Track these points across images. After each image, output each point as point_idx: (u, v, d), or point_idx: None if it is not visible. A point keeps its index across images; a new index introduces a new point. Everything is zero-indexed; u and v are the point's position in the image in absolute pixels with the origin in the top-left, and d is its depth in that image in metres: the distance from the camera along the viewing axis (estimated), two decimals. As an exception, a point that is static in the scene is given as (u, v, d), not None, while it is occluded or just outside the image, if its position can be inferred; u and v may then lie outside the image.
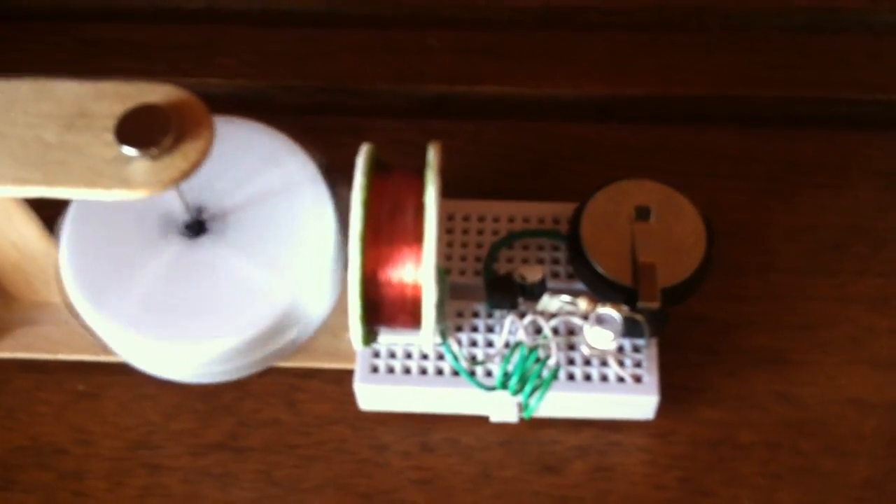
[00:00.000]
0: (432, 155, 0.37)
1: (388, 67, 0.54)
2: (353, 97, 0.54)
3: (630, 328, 0.39)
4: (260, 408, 0.43)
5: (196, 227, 0.39)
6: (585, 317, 0.39)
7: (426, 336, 0.37)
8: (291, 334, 0.39)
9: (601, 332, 0.38)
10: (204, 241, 0.39)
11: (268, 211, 0.40)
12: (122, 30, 0.56)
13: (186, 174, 0.33)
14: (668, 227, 0.41)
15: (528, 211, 0.45)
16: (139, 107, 0.34)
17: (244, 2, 0.57)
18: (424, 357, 0.41)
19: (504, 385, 0.38)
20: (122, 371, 0.40)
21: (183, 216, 0.39)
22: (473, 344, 0.42)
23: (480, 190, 0.47)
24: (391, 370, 0.41)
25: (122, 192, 0.33)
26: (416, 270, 0.36)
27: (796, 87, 0.52)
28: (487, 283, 0.41)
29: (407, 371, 0.41)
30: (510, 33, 0.55)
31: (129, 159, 0.33)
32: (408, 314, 0.37)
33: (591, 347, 0.38)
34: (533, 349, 0.38)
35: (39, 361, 0.44)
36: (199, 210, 0.39)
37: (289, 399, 0.43)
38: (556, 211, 0.45)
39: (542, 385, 0.38)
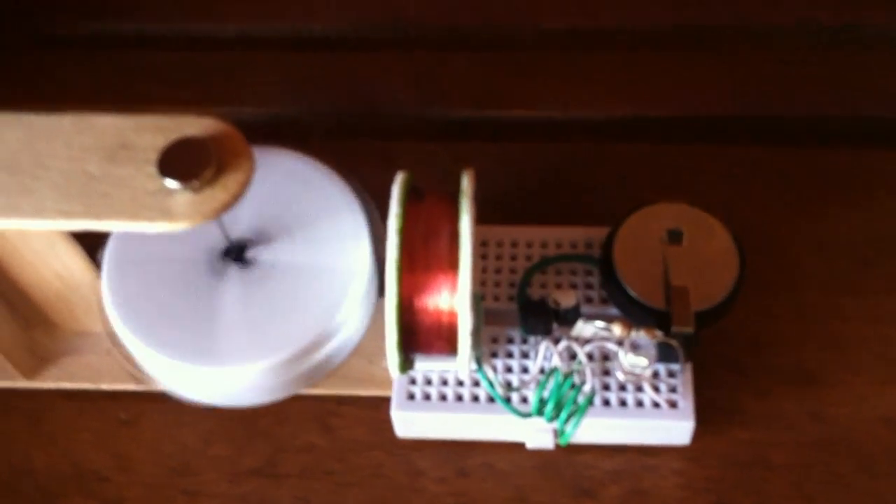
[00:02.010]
0: (466, 182, 0.37)
1: (415, 90, 0.54)
2: (381, 120, 0.54)
3: (664, 353, 0.39)
4: (296, 433, 0.43)
5: (235, 254, 0.40)
6: (620, 342, 0.39)
7: (462, 363, 0.37)
8: (326, 356, 0.39)
9: (636, 358, 0.38)
10: (242, 268, 0.40)
11: (305, 237, 0.40)
12: (154, 56, 0.56)
13: (227, 206, 0.34)
14: (700, 249, 0.41)
15: (560, 235, 0.45)
16: (180, 140, 0.34)
17: (273, 27, 0.57)
18: (460, 384, 0.41)
19: (540, 412, 0.39)
20: (162, 399, 0.40)
21: (222, 244, 0.40)
22: (508, 370, 0.42)
23: (510, 213, 0.47)
24: (427, 397, 0.41)
25: (164, 225, 0.33)
26: (452, 297, 0.36)
27: (822, 104, 0.52)
28: (521, 309, 0.41)
29: (443, 398, 0.41)
30: (536, 55, 0.55)
31: (171, 191, 0.34)
32: (444, 341, 0.37)
33: (626, 373, 0.38)
34: (568, 375, 0.38)
35: (82, 391, 0.44)
36: (238, 237, 0.40)
37: (325, 424, 0.43)
38: (588, 235, 0.45)
39: (578, 411, 0.38)
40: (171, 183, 0.33)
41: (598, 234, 0.44)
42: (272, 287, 0.39)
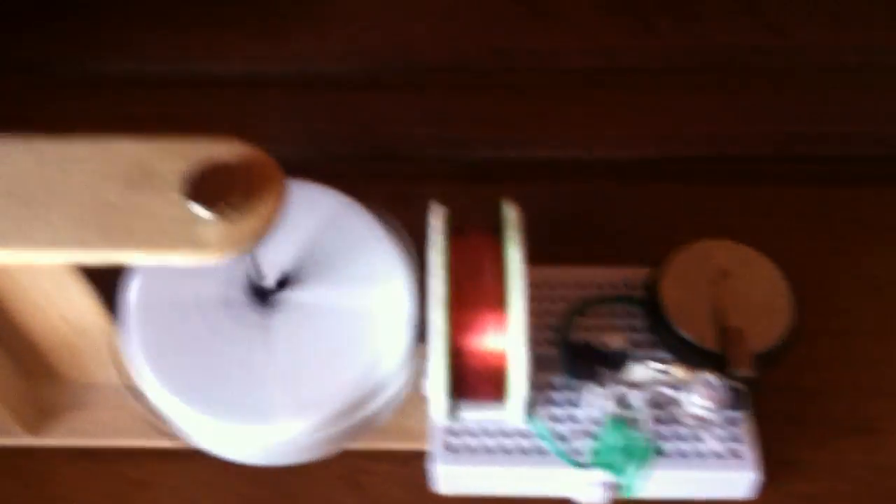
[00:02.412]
0: (511, 212, 0.34)
1: (434, 132, 0.52)
2: (397, 162, 0.51)
3: (728, 398, 0.36)
4: (326, 493, 0.39)
5: (265, 295, 0.36)
6: (676, 386, 0.36)
7: (515, 409, 0.34)
8: (373, 412, 0.36)
9: (704, 401, 0.35)
10: (273, 312, 0.36)
11: (342, 279, 0.37)
12: (156, 96, 0.53)
13: (261, 235, 0.31)
14: (752, 289, 0.39)
15: (596, 276, 0.42)
16: (208, 164, 0.31)
17: (281, 66, 0.55)
18: (503, 434, 0.38)
19: (598, 463, 0.35)
20: (178, 456, 0.37)
21: (251, 284, 0.36)
22: (553, 419, 0.39)
23: (537, 254, 0.44)
24: (470, 449, 0.38)
25: (192, 256, 0.30)
26: (503, 336, 0.33)
27: (853, 145, 0.50)
28: (566, 353, 0.38)
29: (487, 450, 0.38)
30: (555, 95, 0.53)
31: (198, 220, 0.30)
32: (493, 385, 0.34)
33: (693, 417, 0.35)
34: (626, 422, 0.35)
35: (91, 448, 0.40)
36: (271, 278, 0.37)
37: (355, 483, 0.40)
38: (626, 276, 0.42)
39: (642, 461, 0.35)
40: (198, 210, 0.30)
41: (635, 274, 0.42)
42: (311, 334, 0.36)
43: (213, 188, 0.31)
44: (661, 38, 0.54)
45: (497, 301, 0.33)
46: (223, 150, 0.32)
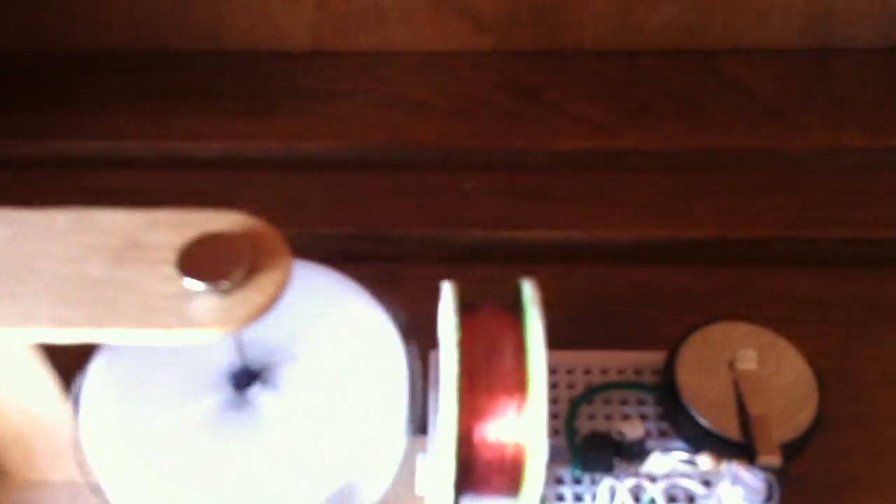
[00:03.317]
0: (529, 289, 0.32)
1: (425, 212, 0.50)
2: (387, 244, 0.49)
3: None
4: None
5: (245, 380, 0.33)
6: (698, 478, 0.34)
7: (530, 502, 0.31)
8: (367, 496, 0.33)
9: (734, 494, 0.32)
10: (255, 399, 0.33)
11: (329, 364, 0.34)
12: (132, 177, 0.51)
13: (263, 311, 0.28)
14: (773, 374, 0.37)
15: (604, 361, 0.40)
16: (205, 236, 0.29)
17: (262, 148, 0.53)
18: (507, 532, 0.35)
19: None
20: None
21: (231, 367, 0.33)
22: (561, 514, 0.36)
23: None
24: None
25: (185, 333, 0.27)
26: (519, 423, 0.31)
27: (864, 226, 0.49)
28: (581, 443, 0.36)
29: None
30: (551, 176, 0.52)
31: (192, 295, 0.28)
32: (505, 477, 0.32)
33: (728, 511, 0.33)
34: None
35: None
36: (253, 360, 0.34)
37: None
38: (635, 360, 0.40)
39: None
40: (193, 284, 0.28)
41: (646, 359, 0.40)
42: (296, 422, 0.33)
43: (211, 261, 0.28)
44: (661, 120, 0.53)
45: (516, 384, 0.31)
46: (221, 222, 0.29)
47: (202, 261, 0.28)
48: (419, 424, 0.36)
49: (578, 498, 0.36)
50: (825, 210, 0.50)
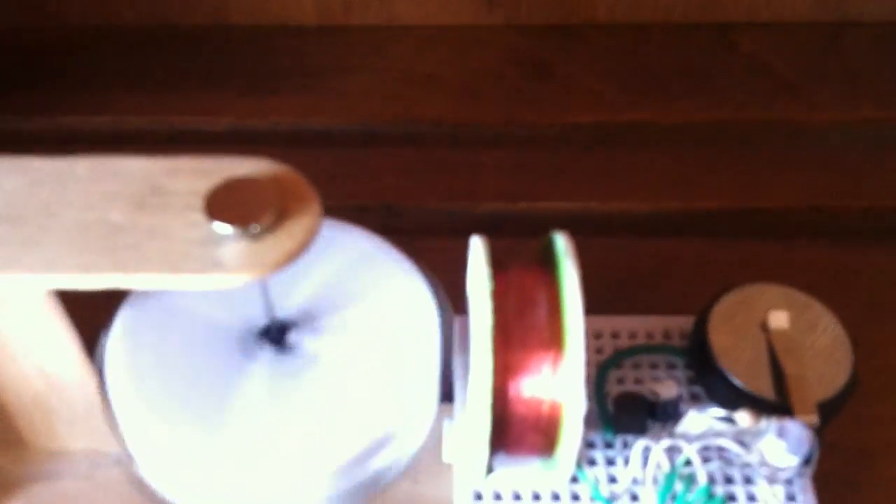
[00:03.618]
0: (562, 241, 0.31)
1: (437, 186, 0.49)
2: (399, 217, 0.48)
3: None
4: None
5: (276, 336, 0.32)
6: (741, 441, 0.33)
7: (567, 460, 0.30)
8: (374, 472, 0.32)
9: (780, 447, 0.31)
10: (284, 355, 0.32)
11: (361, 323, 0.33)
12: (137, 153, 0.50)
13: (293, 256, 0.27)
14: (806, 334, 0.36)
15: (632, 326, 0.39)
16: (232, 180, 0.28)
17: (270, 123, 0.52)
18: (537, 498, 0.34)
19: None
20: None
21: (261, 322, 0.32)
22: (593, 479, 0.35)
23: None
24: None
25: (216, 278, 0.26)
26: (554, 378, 0.30)
27: (882, 198, 0.48)
28: (614, 404, 0.35)
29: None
30: (564, 150, 0.51)
31: (221, 239, 0.27)
32: (540, 434, 0.31)
33: (771, 467, 0.31)
34: (680, 477, 0.31)
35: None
36: (282, 317, 0.33)
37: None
38: (664, 324, 0.39)
39: (711, 517, 0.31)
40: (222, 228, 0.27)
41: (674, 323, 0.39)
42: (328, 378, 0.32)
43: (239, 205, 0.27)
44: (675, 95, 0.52)
45: (551, 337, 0.30)
46: (248, 167, 0.28)
47: (230, 205, 0.27)
48: (445, 391, 0.36)
49: (610, 462, 0.35)
50: (842, 183, 0.49)
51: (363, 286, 0.34)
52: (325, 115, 0.52)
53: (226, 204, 0.27)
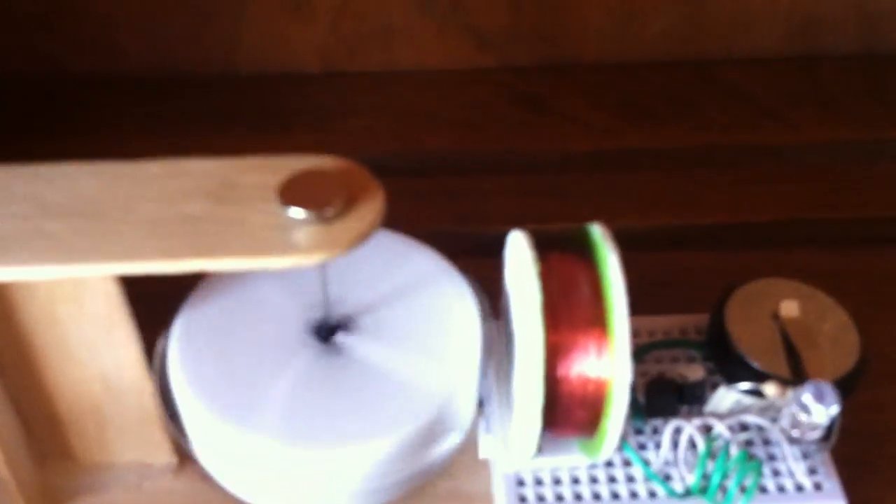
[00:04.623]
0: (598, 229, 0.34)
1: (443, 212, 0.51)
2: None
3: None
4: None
5: (329, 329, 0.34)
6: (770, 415, 0.35)
7: (613, 437, 0.32)
8: (447, 437, 0.34)
9: (819, 406, 0.33)
10: (338, 346, 0.34)
11: (403, 310, 0.35)
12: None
13: (364, 236, 0.29)
14: (815, 321, 0.39)
15: (650, 325, 0.41)
16: (303, 172, 0.30)
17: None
18: (576, 481, 0.36)
19: (702, 490, 0.33)
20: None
21: (315, 316, 0.34)
22: (626, 464, 0.37)
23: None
24: (560, 498, 0.35)
25: (293, 258, 0.28)
26: (600, 354, 0.32)
27: (866, 208, 0.51)
28: (645, 388, 0.37)
29: (578, 498, 0.35)
30: (563, 176, 0.53)
31: (295, 225, 0.29)
32: (587, 409, 0.33)
33: (803, 427, 0.34)
34: (714, 451, 0.34)
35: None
36: (336, 315, 0.35)
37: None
38: (679, 322, 0.42)
39: (754, 479, 0.33)
40: (297, 213, 0.29)
41: (687, 321, 0.41)
42: (375, 371, 0.34)
43: (311, 193, 0.29)
44: (664, 123, 0.55)
45: (596, 318, 0.32)
46: (314, 162, 0.31)
47: (303, 193, 0.29)
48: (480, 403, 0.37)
49: (642, 447, 0.37)
50: (826, 196, 0.52)
51: (407, 287, 0.36)
52: (334, 152, 0.54)
53: (298, 192, 0.29)
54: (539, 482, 0.36)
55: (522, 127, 0.56)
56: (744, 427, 0.36)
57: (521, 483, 0.36)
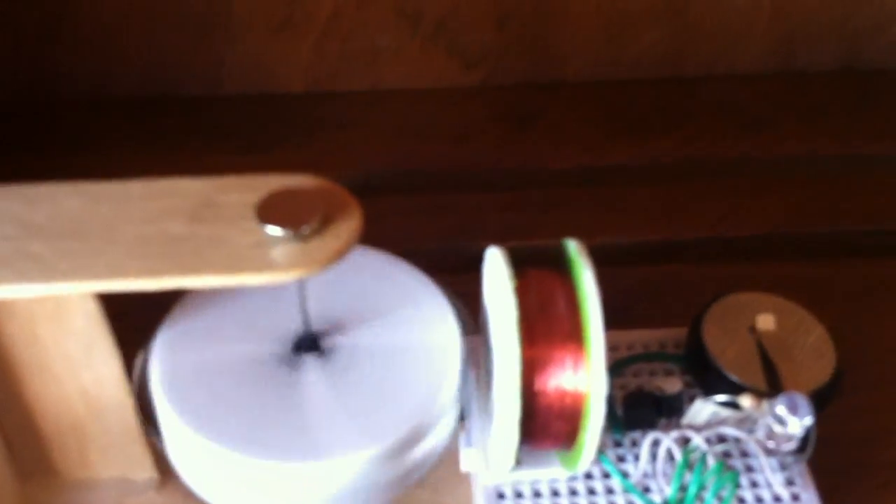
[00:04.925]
0: (573, 245, 0.34)
1: (434, 228, 0.52)
2: (408, 258, 0.51)
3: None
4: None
5: (308, 344, 0.35)
6: (747, 427, 0.36)
7: (591, 449, 0.33)
8: (428, 451, 0.34)
9: (793, 418, 0.34)
10: (318, 361, 0.35)
11: (383, 325, 0.36)
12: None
13: (340, 254, 0.30)
14: (792, 335, 0.39)
15: (629, 339, 0.42)
16: (280, 191, 0.31)
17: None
18: (555, 494, 0.36)
19: (680, 501, 0.34)
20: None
21: (295, 332, 0.35)
22: (605, 476, 0.37)
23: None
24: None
25: (271, 276, 0.29)
26: (577, 367, 0.32)
27: (848, 220, 0.52)
28: (623, 401, 0.37)
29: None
30: (551, 192, 0.54)
31: (274, 242, 0.30)
32: (564, 421, 0.33)
33: (777, 439, 0.34)
34: (691, 463, 0.34)
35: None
36: (314, 327, 0.35)
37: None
38: (658, 336, 0.42)
39: (727, 496, 0.34)
40: (274, 231, 0.29)
41: (666, 335, 0.42)
42: (356, 378, 0.35)
43: (289, 211, 0.30)
44: (651, 138, 0.56)
45: (572, 331, 0.32)
46: (292, 182, 0.31)
47: (280, 211, 0.30)
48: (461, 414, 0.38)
49: (621, 459, 0.37)
50: (810, 208, 0.53)
51: (387, 303, 0.36)
52: (323, 170, 0.54)
53: (276, 210, 0.30)
54: (519, 495, 0.36)
55: (510, 143, 0.56)
56: (721, 439, 0.37)
57: (501, 496, 0.36)
